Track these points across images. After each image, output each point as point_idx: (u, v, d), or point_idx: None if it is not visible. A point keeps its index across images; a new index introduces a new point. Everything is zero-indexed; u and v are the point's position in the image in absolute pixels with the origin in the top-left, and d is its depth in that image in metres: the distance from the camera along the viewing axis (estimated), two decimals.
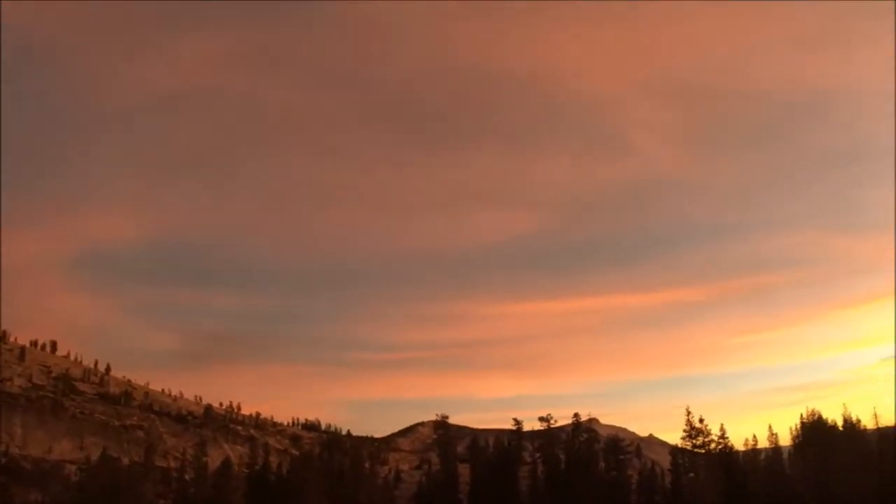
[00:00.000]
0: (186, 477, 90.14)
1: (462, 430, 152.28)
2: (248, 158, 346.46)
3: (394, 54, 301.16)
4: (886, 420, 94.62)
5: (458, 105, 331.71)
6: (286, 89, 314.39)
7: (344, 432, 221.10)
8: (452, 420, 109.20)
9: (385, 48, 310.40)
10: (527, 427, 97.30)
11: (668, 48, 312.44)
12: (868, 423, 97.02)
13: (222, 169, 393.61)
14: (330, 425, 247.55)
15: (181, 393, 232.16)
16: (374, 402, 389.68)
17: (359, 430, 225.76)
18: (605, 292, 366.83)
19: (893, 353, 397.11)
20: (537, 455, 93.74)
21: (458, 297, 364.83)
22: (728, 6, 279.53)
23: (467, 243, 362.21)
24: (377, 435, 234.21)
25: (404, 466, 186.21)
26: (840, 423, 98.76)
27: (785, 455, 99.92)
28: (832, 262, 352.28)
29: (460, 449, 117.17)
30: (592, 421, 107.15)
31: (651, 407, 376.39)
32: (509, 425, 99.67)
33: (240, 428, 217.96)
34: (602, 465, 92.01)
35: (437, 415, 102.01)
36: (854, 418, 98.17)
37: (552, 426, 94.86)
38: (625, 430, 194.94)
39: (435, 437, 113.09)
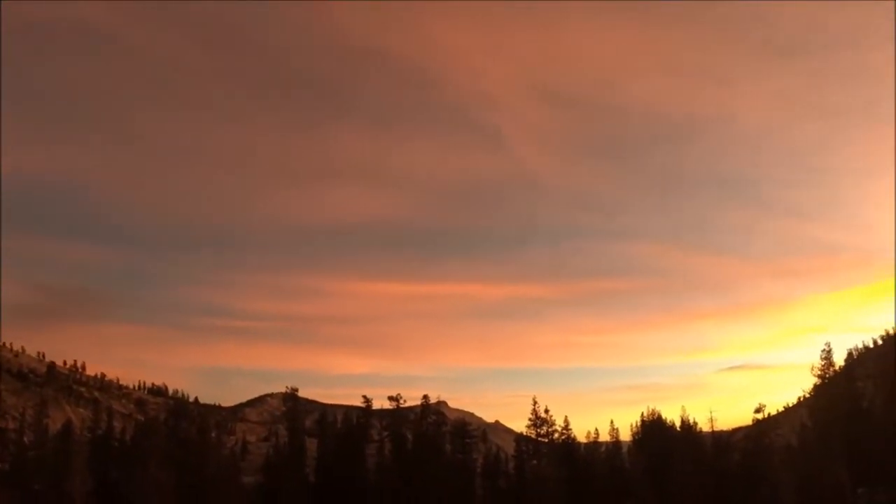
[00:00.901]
0: (25, 440, 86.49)
1: (311, 405, 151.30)
2: (122, 109, 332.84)
3: (276, 22, 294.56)
4: (721, 425, 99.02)
5: (333, 80, 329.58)
6: (171, 43, 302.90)
7: (191, 399, 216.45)
8: (302, 394, 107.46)
9: (269, 14, 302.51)
10: (376, 406, 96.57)
11: (551, 55, 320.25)
12: (704, 426, 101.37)
13: (90, 115, 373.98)
14: (177, 391, 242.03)
15: (23, 348, 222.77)
16: (223, 370, 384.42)
17: (207, 398, 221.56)
18: (460, 280, 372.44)
19: (732, 365, 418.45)
20: (385, 434, 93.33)
21: (315, 271, 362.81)
22: (619, 28, 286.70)
23: (328, 219, 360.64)
24: (225, 404, 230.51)
25: (251, 438, 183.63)
26: (678, 424, 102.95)
27: (625, 450, 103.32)
28: (684, 276, 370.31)
29: (309, 423, 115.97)
30: (441, 404, 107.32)
31: (498, 395, 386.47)
32: (359, 402, 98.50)
33: (83, 389, 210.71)
34: (449, 447, 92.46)
35: (286, 387, 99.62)
36: (691, 421, 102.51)
37: (401, 406, 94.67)
38: (472, 415, 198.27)
39: (284, 409, 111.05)
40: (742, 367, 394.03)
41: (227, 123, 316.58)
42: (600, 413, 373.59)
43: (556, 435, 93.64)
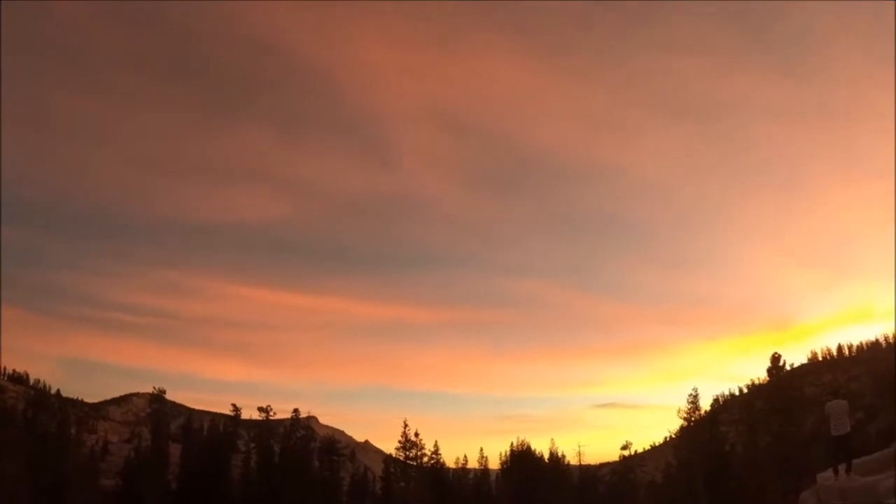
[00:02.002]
0: None
1: (178, 408, 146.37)
2: (11, 85, 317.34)
3: (191, 8, 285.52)
4: (589, 459, 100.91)
5: (240, 75, 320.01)
6: (72, 19, 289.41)
7: (53, 391, 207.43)
8: (169, 396, 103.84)
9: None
10: (245, 415, 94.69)
11: (460, 86, 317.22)
12: (573, 459, 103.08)
13: None
14: (39, 381, 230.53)
15: None
16: (90, 362, 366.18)
17: (70, 392, 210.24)
18: (345, 296, 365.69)
19: (605, 402, 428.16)
20: (252, 445, 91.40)
21: (197, 270, 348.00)
22: (530, 71, 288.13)
23: (219, 218, 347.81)
24: (89, 399, 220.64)
25: (113, 438, 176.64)
26: (546, 455, 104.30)
27: (493, 478, 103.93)
28: (566, 314, 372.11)
29: (174, 427, 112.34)
30: (311, 419, 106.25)
31: (371, 414, 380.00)
32: (227, 410, 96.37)
33: None
34: (316, 464, 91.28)
35: (154, 388, 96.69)
36: (560, 453, 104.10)
37: (271, 418, 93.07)
38: (342, 432, 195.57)
39: (149, 410, 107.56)
40: (614, 404, 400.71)
41: (125, 107, 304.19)
42: (471, 440, 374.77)
43: (426, 459, 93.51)
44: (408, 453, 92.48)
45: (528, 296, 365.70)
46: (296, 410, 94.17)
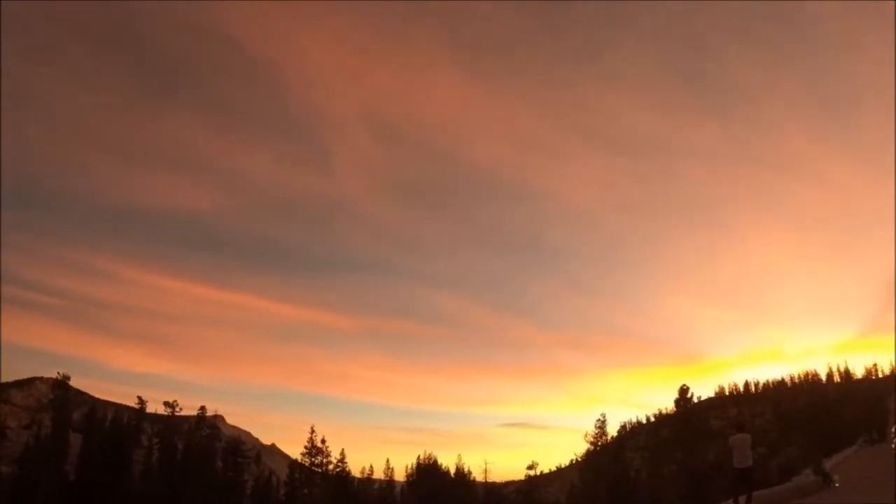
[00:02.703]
0: None
1: (81, 396, 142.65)
2: None
3: None
4: (495, 476, 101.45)
5: (181, 60, 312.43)
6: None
7: None
8: (74, 383, 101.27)
9: None
10: (150, 409, 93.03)
11: (400, 96, 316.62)
12: (478, 476, 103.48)
13: None
14: None
15: None
16: None
17: None
18: (262, 295, 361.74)
19: (514, 421, 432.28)
20: (156, 440, 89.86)
21: (114, 255, 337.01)
22: (472, 91, 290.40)
23: (143, 204, 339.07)
24: None
25: (12, 423, 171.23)
26: (453, 470, 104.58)
27: (398, 489, 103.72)
28: (481, 331, 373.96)
29: (76, 416, 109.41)
30: (218, 418, 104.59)
31: (279, 417, 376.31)
32: (132, 402, 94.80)
33: None
34: (220, 464, 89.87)
35: (58, 373, 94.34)
36: (466, 469, 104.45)
37: (176, 414, 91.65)
38: (249, 434, 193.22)
39: (52, 397, 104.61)
40: (522, 424, 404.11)
41: (61, 83, 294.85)
42: (378, 450, 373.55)
43: (331, 466, 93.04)
44: (313, 459, 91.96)
45: (445, 310, 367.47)
46: (202, 408, 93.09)
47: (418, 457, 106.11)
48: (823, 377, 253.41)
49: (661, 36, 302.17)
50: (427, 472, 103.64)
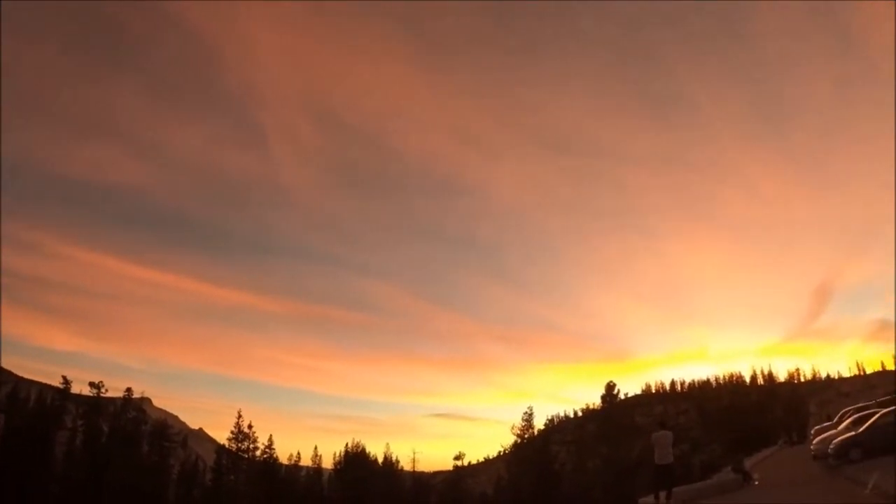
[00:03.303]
0: None
1: (4, 374, 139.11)
2: None
3: None
4: (423, 466, 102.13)
5: (124, 30, 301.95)
6: None
7: None
8: None
9: None
10: (75, 389, 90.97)
11: (342, 83, 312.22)
12: (406, 465, 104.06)
13: None
14: None
15: None
16: None
17: None
18: (194, 276, 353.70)
19: (442, 412, 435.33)
20: (80, 422, 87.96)
21: (41, 226, 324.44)
22: (416, 83, 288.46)
23: (76, 174, 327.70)
24: None
25: None
26: (381, 459, 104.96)
27: (325, 477, 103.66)
28: (412, 322, 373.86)
29: None
30: (144, 400, 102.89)
31: (207, 401, 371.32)
32: (56, 382, 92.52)
33: None
34: (146, 448, 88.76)
35: None
36: (394, 458, 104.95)
37: (102, 395, 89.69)
38: (176, 417, 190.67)
39: None
40: (451, 415, 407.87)
41: (14, 53, 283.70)
42: (307, 437, 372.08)
43: (258, 452, 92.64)
44: (240, 445, 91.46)
45: (377, 299, 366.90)
46: (129, 390, 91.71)
47: (346, 445, 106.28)
48: (747, 379, 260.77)
49: (608, 41, 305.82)
50: (355, 460, 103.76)
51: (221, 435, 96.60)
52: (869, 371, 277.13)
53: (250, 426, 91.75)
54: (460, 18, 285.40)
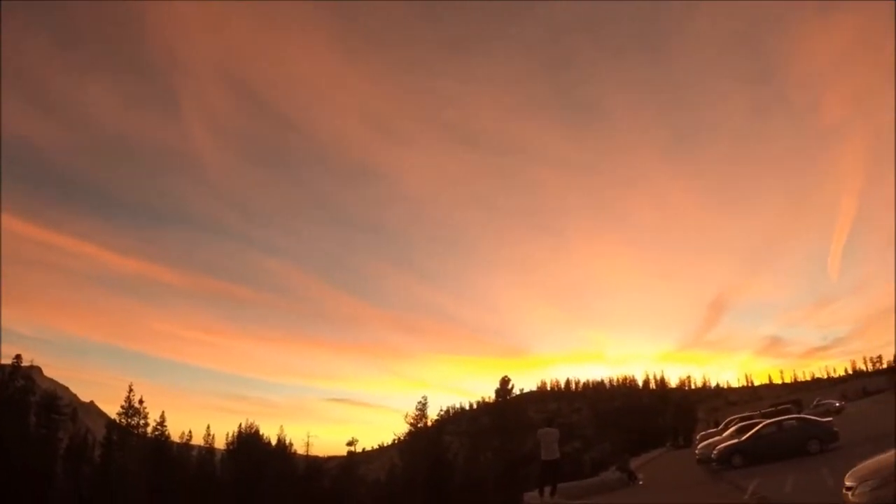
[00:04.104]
0: None
1: None
2: None
3: None
4: (317, 451, 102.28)
5: None
6: None
7: None
8: None
9: None
10: None
11: (262, 56, 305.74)
12: (300, 449, 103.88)
13: None
14: None
15: None
16: None
17: None
18: (93, 241, 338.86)
19: (339, 396, 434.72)
20: None
21: None
22: (336, 65, 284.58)
23: None
24: None
25: None
26: (274, 441, 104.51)
27: (218, 457, 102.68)
28: (312, 304, 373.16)
29: None
30: (34, 369, 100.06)
31: (100, 373, 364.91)
32: None
33: None
34: (34, 419, 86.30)
35: None
36: (288, 441, 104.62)
37: None
38: (67, 389, 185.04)
39: None
40: (347, 400, 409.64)
41: None
42: (200, 415, 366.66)
43: (150, 429, 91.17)
44: (130, 420, 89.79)
45: (278, 279, 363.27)
46: (17, 357, 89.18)
47: (240, 425, 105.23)
48: (640, 383, 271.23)
49: (533, 45, 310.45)
50: (248, 441, 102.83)
51: (113, 409, 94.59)
52: (757, 383, 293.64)
53: (141, 401, 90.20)
54: (391, 10, 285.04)
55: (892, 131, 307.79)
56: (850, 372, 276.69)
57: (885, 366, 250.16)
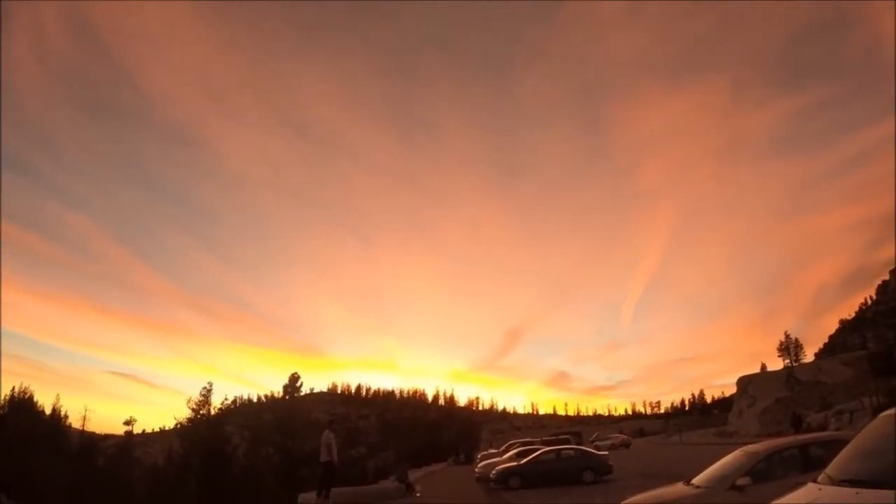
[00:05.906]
0: None
1: None
2: None
3: None
4: (95, 426, 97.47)
5: None
6: None
7: None
8: None
9: None
10: None
11: (116, 10, 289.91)
12: (76, 423, 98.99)
13: None
14: None
15: None
16: None
17: None
18: None
19: (122, 371, 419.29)
20: None
21: None
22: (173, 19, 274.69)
23: None
24: None
25: None
26: (49, 412, 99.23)
27: None
28: (106, 269, 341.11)
29: None
30: None
31: None
32: None
33: None
34: None
35: None
36: (63, 412, 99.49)
37: None
38: None
39: None
40: (131, 376, 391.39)
41: None
42: None
43: None
44: None
45: (72, 233, 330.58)
46: None
47: (13, 388, 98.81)
48: (430, 397, 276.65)
49: (384, 47, 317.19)
50: (20, 407, 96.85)
51: None
52: (542, 412, 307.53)
53: None
54: None
55: (697, 205, 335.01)
56: (630, 412, 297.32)
57: (661, 410, 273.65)
